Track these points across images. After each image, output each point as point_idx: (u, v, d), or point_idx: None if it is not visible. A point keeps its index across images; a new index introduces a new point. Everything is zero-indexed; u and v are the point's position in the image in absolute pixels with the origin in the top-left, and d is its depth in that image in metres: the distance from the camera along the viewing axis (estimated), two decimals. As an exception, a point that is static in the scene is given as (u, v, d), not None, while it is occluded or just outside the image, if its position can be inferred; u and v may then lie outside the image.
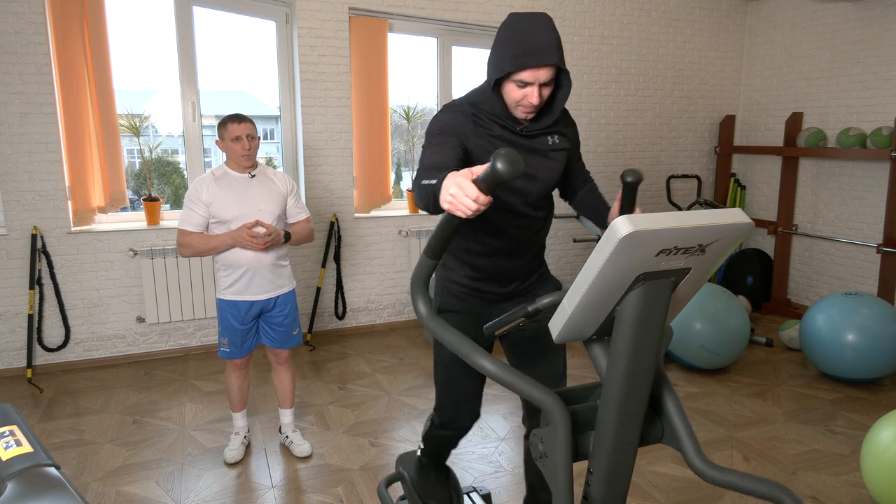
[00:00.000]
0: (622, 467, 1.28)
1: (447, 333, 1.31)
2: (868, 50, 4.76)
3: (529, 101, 1.64)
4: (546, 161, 1.81)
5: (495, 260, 1.84)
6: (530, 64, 1.58)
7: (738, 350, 3.86)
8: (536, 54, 1.57)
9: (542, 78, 1.61)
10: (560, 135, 1.83)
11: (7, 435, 0.75)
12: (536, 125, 1.76)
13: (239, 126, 2.62)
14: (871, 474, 2.43)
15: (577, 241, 4.46)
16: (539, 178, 1.80)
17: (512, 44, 1.59)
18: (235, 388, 2.91)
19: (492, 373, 1.24)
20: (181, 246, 2.66)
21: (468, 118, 1.73)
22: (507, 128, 1.75)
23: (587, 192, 1.99)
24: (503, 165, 1.13)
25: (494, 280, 1.87)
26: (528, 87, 1.62)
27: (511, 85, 1.64)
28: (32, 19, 3.67)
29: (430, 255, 1.37)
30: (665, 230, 1.03)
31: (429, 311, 1.35)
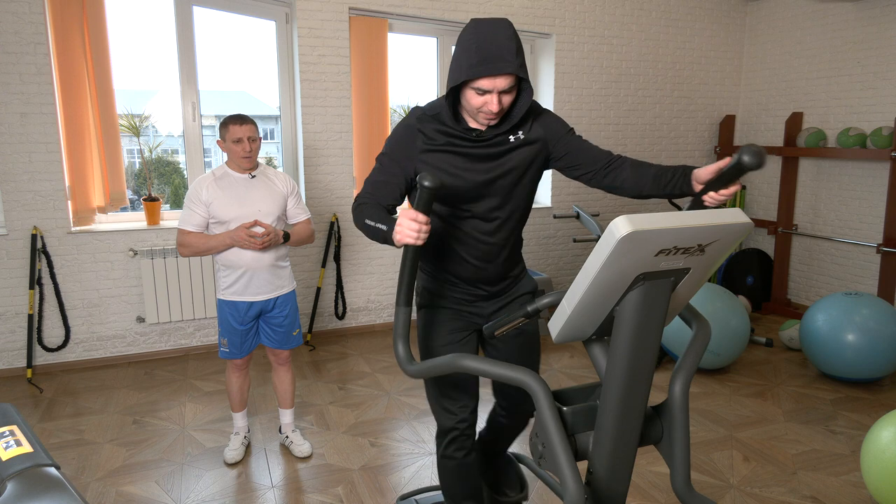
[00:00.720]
0: (622, 467, 1.28)
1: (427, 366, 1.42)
2: (868, 50, 4.76)
3: (489, 109, 1.62)
4: (505, 159, 1.76)
5: (472, 266, 1.82)
6: (486, 73, 1.56)
7: (738, 350, 3.86)
8: (493, 62, 1.55)
9: (500, 86, 1.58)
10: (523, 130, 1.78)
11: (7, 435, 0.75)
12: (494, 131, 1.73)
13: (241, 128, 2.62)
14: (871, 474, 2.43)
15: (577, 241, 4.46)
16: (499, 179, 1.76)
17: (469, 52, 1.57)
18: (235, 388, 2.92)
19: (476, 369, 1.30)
20: (180, 246, 2.66)
21: (415, 136, 1.74)
22: (458, 136, 1.72)
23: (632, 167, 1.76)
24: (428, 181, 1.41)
25: (473, 284, 1.86)
26: (487, 95, 1.60)
27: (470, 92, 1.62)
28: (32, 19, 3.67)
29: (403, 304, 1.54)
30: (664, 230, 1.03)
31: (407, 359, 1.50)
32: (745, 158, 1.34)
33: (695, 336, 1.39)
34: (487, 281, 1.85)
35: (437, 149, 1.74)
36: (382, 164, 1.78)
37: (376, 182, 1.75)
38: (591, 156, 1.80)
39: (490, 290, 1.88)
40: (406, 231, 1.47)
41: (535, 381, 1.22)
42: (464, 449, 1.88)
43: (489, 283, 1.86)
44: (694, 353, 1.35)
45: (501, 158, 1.76)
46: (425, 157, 1.74)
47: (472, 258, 1.81)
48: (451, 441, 1.87)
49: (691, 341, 1.38)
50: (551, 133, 1.81)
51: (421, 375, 1.46)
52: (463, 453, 1.88)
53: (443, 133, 1.73)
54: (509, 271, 1.89)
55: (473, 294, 1.87)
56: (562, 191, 5.33)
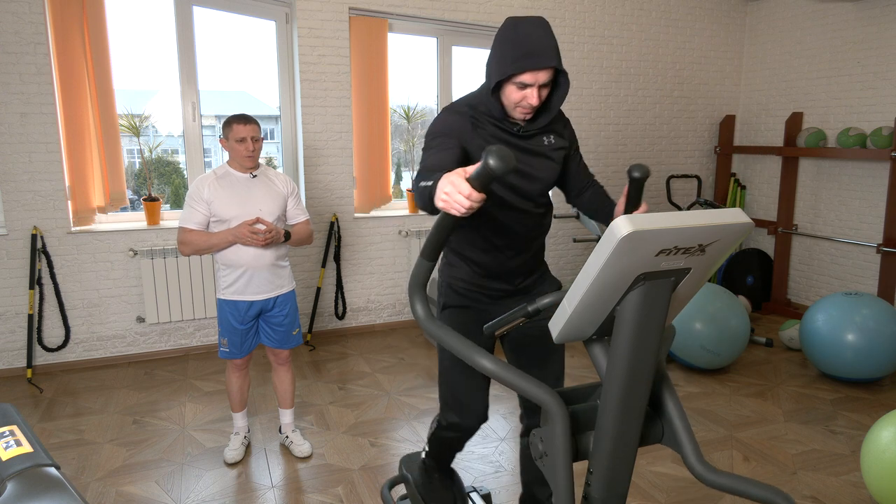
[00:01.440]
0: (622, 467, 1.28)
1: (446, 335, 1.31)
2: (868, 50, 4.76)
3: (528, 103, 1.68)
4: (543, 161, 1.85)
5: (498, 257, 1.86)
6: (530, 66, 1.61)
7: (738, 350, 3.86)
8: (536, 57, 1.60)
9: (542, 80, 1.64)
10: (556, 135, 1.87)
11: (7, 435, 0.75)
12: (533, 125, 1.79)
13: (245, 127, 2.64)
14: (871, 474, 2.43)
15: (577, 241, 4.46)
16: (537, 177, 1.84)
17: (512, 46, 1.63)
18: (235, 388, 2.92)
19: (491, 371, 1.24)
20: (181, 244, 2.66)
21: (466, 119, 1.77)
22: (503, 129, 1.79)
23: (593, 193, 2.00)
24: (494, 161, 1.16)
25: (497, 277, 1.89)
26: (528, 89, 1.66)
27: (511, 87, 1.67)
28: (32, 19, 3.67)
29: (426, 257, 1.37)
30: (665, 230, 1.03)
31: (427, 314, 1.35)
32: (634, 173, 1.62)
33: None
34: (514, 273, 1.90)
35: (485, 134, 1.77)
36: (435, 145, 1.71)
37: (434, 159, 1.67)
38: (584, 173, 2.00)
39: (514, 286, 1.91)
40: (452, 201, 1.27)
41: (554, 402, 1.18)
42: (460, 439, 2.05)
43: (515, 275, 1.90)
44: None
45: (540, 157, 1.84)
46: (476, 141, 1.76)
47: (502, 248, 1.85)
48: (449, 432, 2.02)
49: None
50: (571, 143, 1.94)
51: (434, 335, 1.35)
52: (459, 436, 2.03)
53: (491, 120, 1.78)
54: (534, 267, 1.95)
55: (497, 290, 1.90)
56: (562, 191, 5.33)
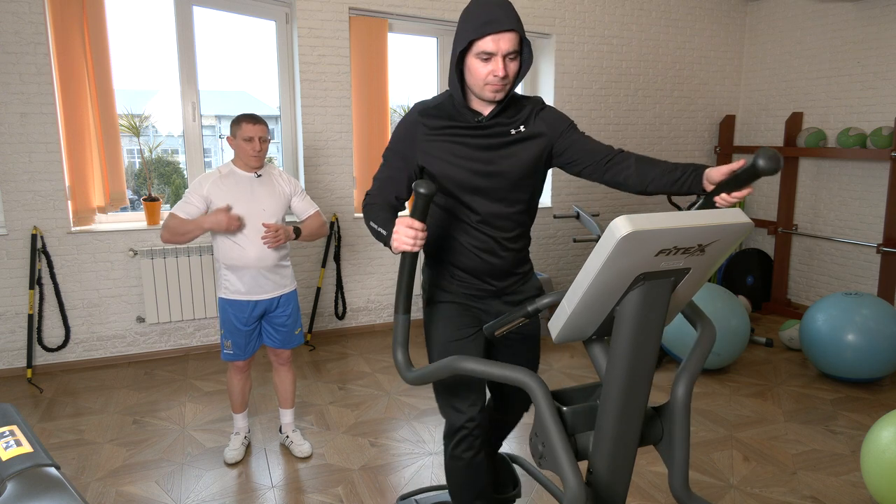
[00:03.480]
0: (622, 467, 1.28)
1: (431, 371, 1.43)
2: (868, 50, 4.76)
3: (495, 75, 1.63)
4: (507, 153, 1.76)
5: (474, 260, 1.83)
6: (490, 30, 1.59)
7: (738, 350, 3.86)
8: (495, 22, 1.60)
9: (504, 47, 1.61)
10: (523, 123, 1.77)
11: (7, 435, 0.75)
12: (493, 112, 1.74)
13: (253, 127, 2.64)
14: (871, 474, 2.43)
15: (577, 241, 4.46)
16: (500, 173, 1.76)
17: (471, 19, 1.63)
18: (237, 390, 2.91)
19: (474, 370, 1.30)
20: (163, 228, 2.61)
21: (416, 128, 1.77)
22: (460, 125, 1.75)
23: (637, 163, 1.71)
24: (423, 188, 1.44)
25: (477, 278, 1.85)
26: (492, 60, 1.62)
27: (475, 62, 1.64)
28: (32, 19, 3.67)
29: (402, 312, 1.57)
30: (665, 230, 1.03)
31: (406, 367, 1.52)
32: (761, 162, 1.32)
33: (700, 337, 1.37)
34: (493, 275, 1.85)
35: (437, 138, 1.75)
36: (387, 160, 1.82)
37: (382, 179, 1.81)
38: (591, 151, 1.78)
39: (497, 286, 1.87)
40: (402, 238, 1.51)
41: (535, 381, 1.22)
42: (472, 449, 1.82)
43: (496, 277, 1.85)
44: (698, 354, 1.34)
45: (503, 150, 1.76)
46: (426, 147, 1.76)
47: (476, 250, 1.81)
48: (460, 441, 1.81)
49: (696, 343, 1.36)
50: (553, 128, 1.79)
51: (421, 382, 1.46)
52: (472, 453, 1.82)
53: (445, 123, 1.76)
54: (516, 267, 1.88)
55: (481, 289, 1.87)
56: (562, 191, 5.33)
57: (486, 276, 1.85)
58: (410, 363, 1.53)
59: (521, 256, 1.90)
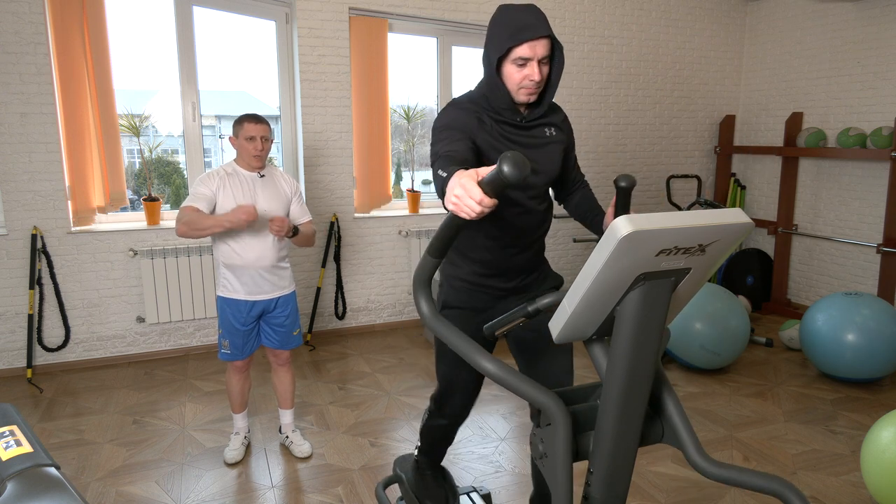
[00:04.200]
0: (622, 467, 1.28)
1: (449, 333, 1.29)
2: (868, 50, 4.76)
3: (531, 80, 1.69)
4: (545, 153, 1.85)
5: (501, 254, 1.86)
6: (527, 37, 1.64)
7: (738, 350, 3.86)
8: (531, 28, 1.64)
9: (540, 52, 1.66)
10: (556, 127, 1.88)
11: (7, 435, 0.75)
12: (535, 113, 1.80)
13: (255, 126, 2.65)
14: (871, 474, 2.43)
15: (577, 241, 4.46)
16: (541, 171, 1.84)
17: (506, 26, 1.67)
18: (236, 390, 2.92)
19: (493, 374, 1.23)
20: (178, 221, 2.55)
21: (471, 114, 1.77)
22: (506, 121, 1.78)
23: (583, 197, 2.02)
24: (510, 169, 1.10)
25: (500, 275, 1.89)
26: (528, 65, 1.68)
27: (511, 67, 1.69)
28: (32, 19, 3.67)
29: (433, 254, 1.34)
30: (665, 230, 1.03)
31: (431, 310, 1.33)
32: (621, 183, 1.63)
33: None
34: (516, 270, 1.89)
35: (489, 129, 1.77)
36: (449, 134, 1.69)
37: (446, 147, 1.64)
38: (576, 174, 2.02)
39: (517, 283, 1.91)
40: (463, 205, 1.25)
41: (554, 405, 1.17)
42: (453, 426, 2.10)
43: (518, 272, 1.90)
44: None
45: (541, 150, 1.84)
46: (482, 135, 1.76)
47: (505, 244, 1.85)
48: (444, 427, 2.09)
49: None
50: (569, 140, 1.95)
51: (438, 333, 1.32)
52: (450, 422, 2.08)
53: (494, 115, 1.78)
54: (536, 265, 1.94)
55: (499, 288, 1.89)
56: (562, 191, 5.33)
57: (507, 272, 1.89)
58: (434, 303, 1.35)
59: (542, 253, 1.98)
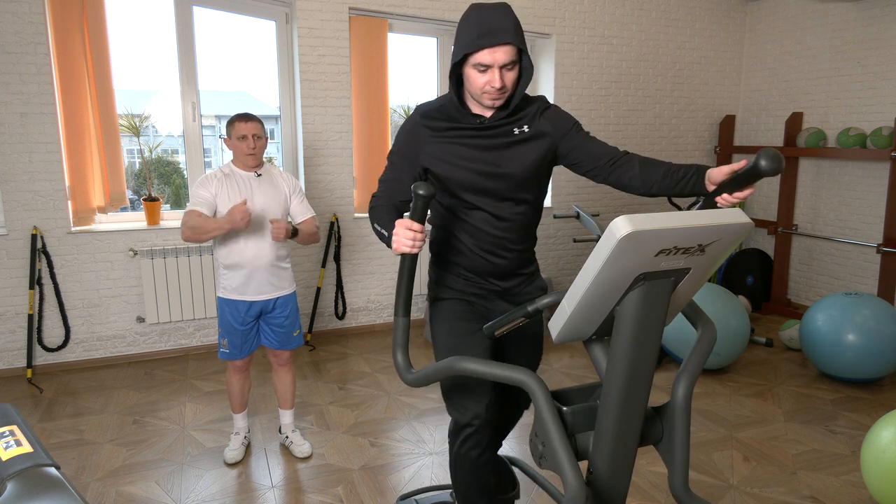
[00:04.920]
0: (622, 467, 1.28)
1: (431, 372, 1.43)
2: (868, 50, 4.76)
3: (492, 86, 1.63)
4: (511, 153, 1.75)
5: (479, 260, 1.83)
6: (486, 44, 1.58)
7: (738, 350, 3.86)
8: (492, 35, 1.58)
9: (500, 59, 1.60)
10: (527, 123, 1.77)
11: (7, 435, 0.75)
12: (499, 114, 1.74)
13: (246, 125, 2.65)
14: (871, 474, 2.43)
15: (577, 241, 4.46)
16: (505, 174, 1.75)
17: (469, 28, 1.61)
18: (236, 389, 2.91)
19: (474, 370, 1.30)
20: (183, 224, 2.58)
21: (419, 131, 1.77)
22: (463, 126, 1.75)
23: (642, 164, 1.71)
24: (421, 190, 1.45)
25: (482, 278, 1.86)
26: (489, 72, 1.62)
27: (472, 72, 1.64)
28: (32, 19, 3.67)
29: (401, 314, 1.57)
30: (665, 230, 1.03)
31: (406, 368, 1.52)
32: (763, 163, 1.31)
33: (700, 338, 1.36)
34: (498, 275, 1.85)
35: (441, 140, 1.75)
36: (392, 163, 1.84)
37: (387, 181, 1.82)
38: (595, 153, 1.77)
39: (502, 286, 1.87)
40: (402, 240, 1.52)
41: (535, 381, 1.22)
42: (479, 447, 1.74)
43: (500, 277, 1.86)
44: (699, 354, 1.33)
45: (507, 150, 1.75)
46: (430, 150, 1.76)
47: (480, 251, 1.82)
48: (466, 438, 1.73)
49: (696, 343, 1.35)
50: (558, 129, 1.79)
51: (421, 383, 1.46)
52: (478, 452, 1.75)
53: (447, 125, 1.75)
54: (521, 268, 1.89)
55: (486, 289, 1.87)
56: (562, 191, 5.33)
57: (490, 276, 1.85)
58: (410, 365, 1.52)
59: (527, 257, 1.90)
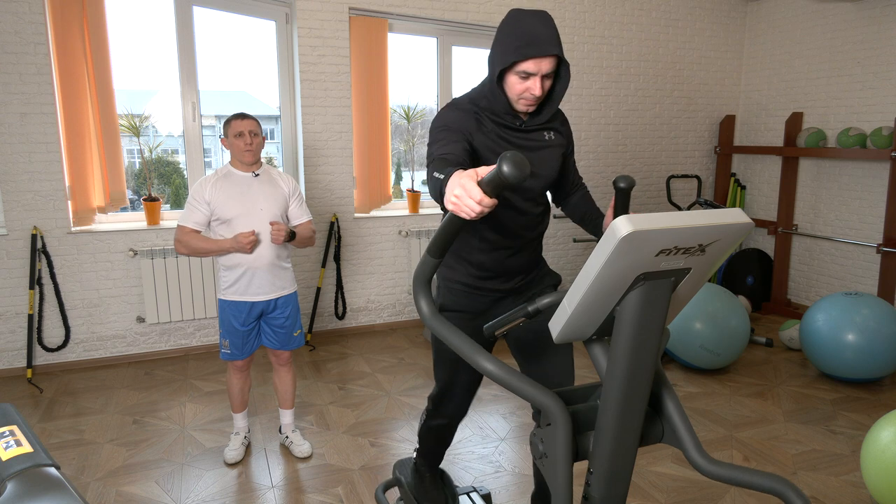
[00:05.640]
0: (622, 467, 1.28)
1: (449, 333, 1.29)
2: (868, 50, 4.76)
3: (532, 93, 1.68)
4: (544, 157, 1.85)
5: (498, 256, 1.86)
6: (533, 54, 1.61)
7: (738, 350, 3.86)
8: (539, 45, 1.61)
9: (545, 69, 1.65)
10: (556, 131, 1.88)
11: (7, 435, 0.75)
12: (535, 119, 1.80)
13: (242, 122, 2.66)
14: (871, 474, 2.43)
15: (577, 241, 4.46)
16: (539, 174, 1.84)
17: (515, 36, 1.64)
18: (237, 389, 2.92)
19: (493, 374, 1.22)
20: (177, 242, 2.66)
21: (470, 116, 1.76)
22: (505, 125, 1.78)
23: (581, 198, 2.02)
24: (510, 169, 1.10)
25: (497, 277, 1.88)
26: (531, 79, 1.66)
27: (514, 78, 1.68)
28: (32, 19, 3.67)
29: (433, 254, 1.34)
30: (665, 230, 1.03)
31: (431, 310, 1.33)
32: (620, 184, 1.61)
33: None
34: (513, 272, 1.89)
35: (488, 131, 1.77)
36: (446, 135, 1.68)
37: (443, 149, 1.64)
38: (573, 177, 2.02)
39: (513, 284, 1.91)
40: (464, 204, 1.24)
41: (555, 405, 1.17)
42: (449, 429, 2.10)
43: (515, 274, 1.90)
44: None
45: (539, 153, 1.84)
46: (480, 137, 1.75)
47: (501, 248, 1.85)
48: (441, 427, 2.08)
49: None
50: (569, 142, 1.95)
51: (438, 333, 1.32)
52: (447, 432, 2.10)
53: (494, 118, 1.77)
54: (533, 265, 1.94)
55: (496, 290, 1.89)
56: (562, 191, 5.33)
57: (503, 273, 1.88)
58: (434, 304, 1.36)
59: (538, 254, 1.97)
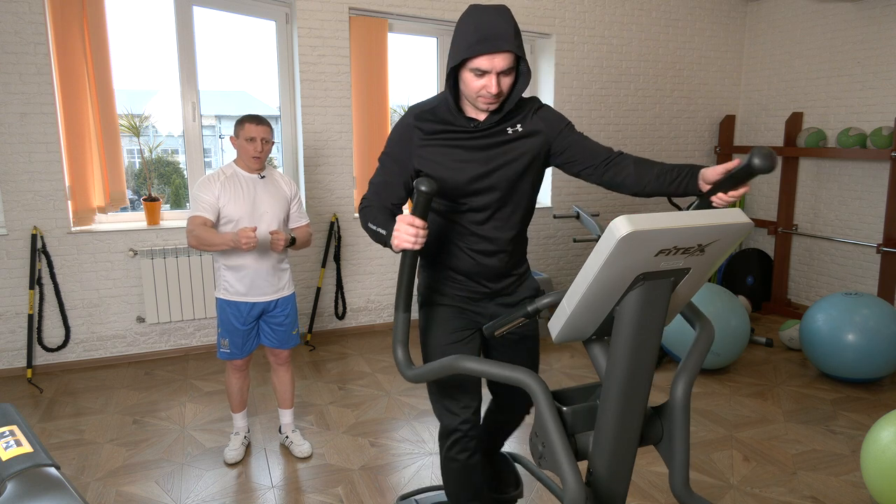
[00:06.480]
0: (622, 467, 1.28)
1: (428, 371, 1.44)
2: (868, 50, 4.76)
3: (488, 91, 1.62)
4: (506, 150, 1.75)
5: (470, 261, 1.81)
6: (485, 50, 1.56)
7: (738, 350, 3.86)
8: (492, 41, 1.56)
9: (499, 66, 1.59)
10: (521, 122, 1.77)
11: (7, 435, 0.75)
12: (491, 118, 1.73)
13: (256, 128, 2.65)
14: (871, 474, 2.43)
15: (577, 241, 4.46)
16: (500, 171, 1.75)
17: (469, 32, 1.59)
18: (236, 389, 2.92)
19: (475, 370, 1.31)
20: (189, 233, 2.60)
21: (412, 132, 1.75)
22: (455, 130, 1.74)
23: (635, 163, 1.72)
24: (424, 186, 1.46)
25: (475, 279, 1.84)
26: (486, 77, 1.61)
27: (469, 75, 1.63)
28: (32, 19, 3.67)
29: (402, 310, 1.58)
30: (664, 230, 1.03)
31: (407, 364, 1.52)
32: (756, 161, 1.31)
33: (697, 337, 1.36)
34: (488, 276, 1.84)
35: (434, 143, 1.74)
36: (383, 165, 1.81)
37: (378, 183, 1.79)
38: (590, 151, 1.78)
39: (492, 288, 1.85)
40: (403, 236, 1.51)
41: (535, 381, 1.22)
42: (467, 450, 1.83)
43: (490, 279, 1.84)
44: (697, 354, 1.33)
45: (500, 149, 1.75)
46: (422, 153, 1.75)
47: (472, 252, 1.80)
48: (455, 442, 1.83)
49: (694, 342, 1.35)
50: (551, 127, 1.79)
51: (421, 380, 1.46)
52: (466, 455, 1.84)
53: (440, 127, 1.74)
54: (512, 269, 1.87)
55: (475, 291, 1.85)
56: (562, 191, 5.33)
57: (482, 278, 1.84)
58: (411, 361, 1.53)
59: (518, 258, 1.89)
